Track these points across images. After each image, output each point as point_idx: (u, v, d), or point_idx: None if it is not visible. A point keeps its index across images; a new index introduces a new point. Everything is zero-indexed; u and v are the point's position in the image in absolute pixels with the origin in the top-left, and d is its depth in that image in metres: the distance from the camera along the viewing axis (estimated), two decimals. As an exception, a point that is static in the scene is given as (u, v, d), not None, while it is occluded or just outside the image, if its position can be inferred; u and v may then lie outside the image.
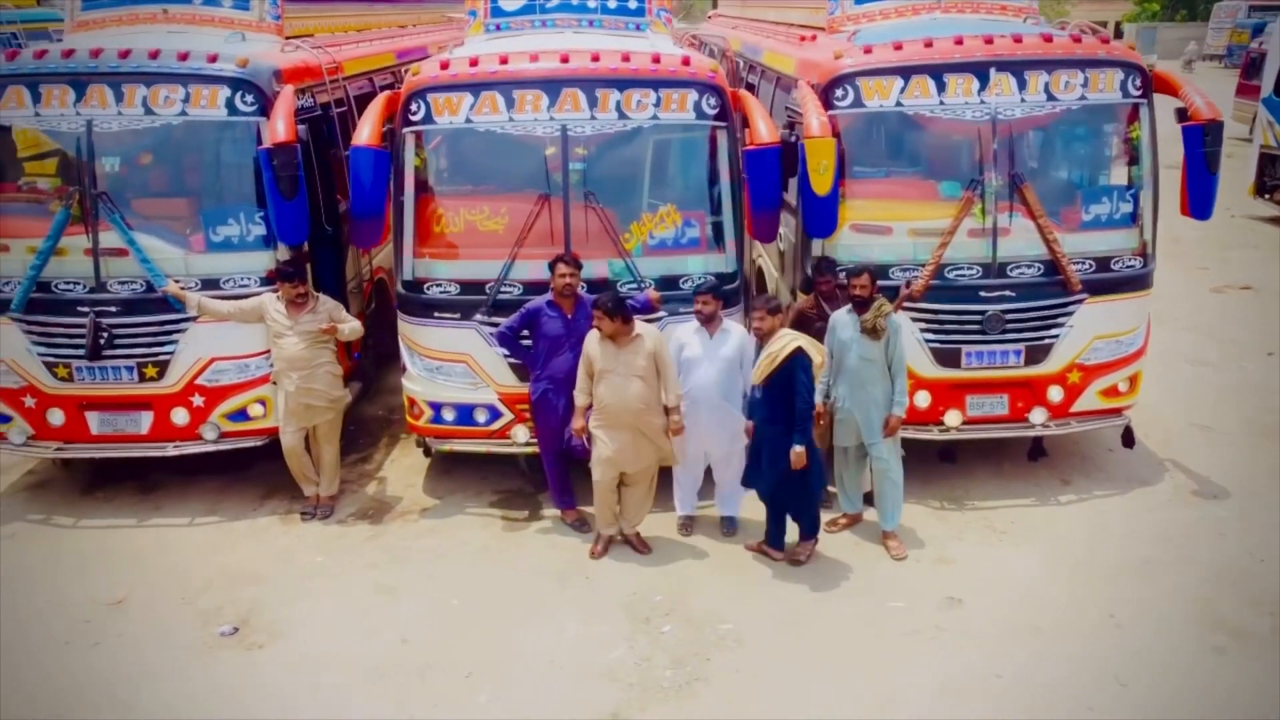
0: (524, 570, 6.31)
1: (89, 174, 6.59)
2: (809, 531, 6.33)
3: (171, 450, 6.91)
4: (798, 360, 5.84)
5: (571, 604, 5.96)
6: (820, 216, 6.55)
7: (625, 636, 5.64)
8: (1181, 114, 6.66)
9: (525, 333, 6.52)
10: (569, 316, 6.37)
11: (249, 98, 6.61)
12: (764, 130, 6.49)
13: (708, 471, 6.68)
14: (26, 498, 7.33)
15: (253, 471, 7.45)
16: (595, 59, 6.62)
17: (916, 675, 5.28)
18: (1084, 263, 6.77)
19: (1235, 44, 39.01)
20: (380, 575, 6.28)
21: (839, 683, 5.25)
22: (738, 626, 5.70)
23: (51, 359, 6.75)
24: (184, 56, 6.60)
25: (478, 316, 6.72)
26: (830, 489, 6.66)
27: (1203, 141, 6.50)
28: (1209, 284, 11.79)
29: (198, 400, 6.84)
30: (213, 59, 6.61)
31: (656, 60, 6.69)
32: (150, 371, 6.76)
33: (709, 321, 6.26)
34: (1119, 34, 50.67)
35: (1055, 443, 7.52)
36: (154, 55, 6.59)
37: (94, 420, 6.90)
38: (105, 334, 6.64)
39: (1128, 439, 7.16)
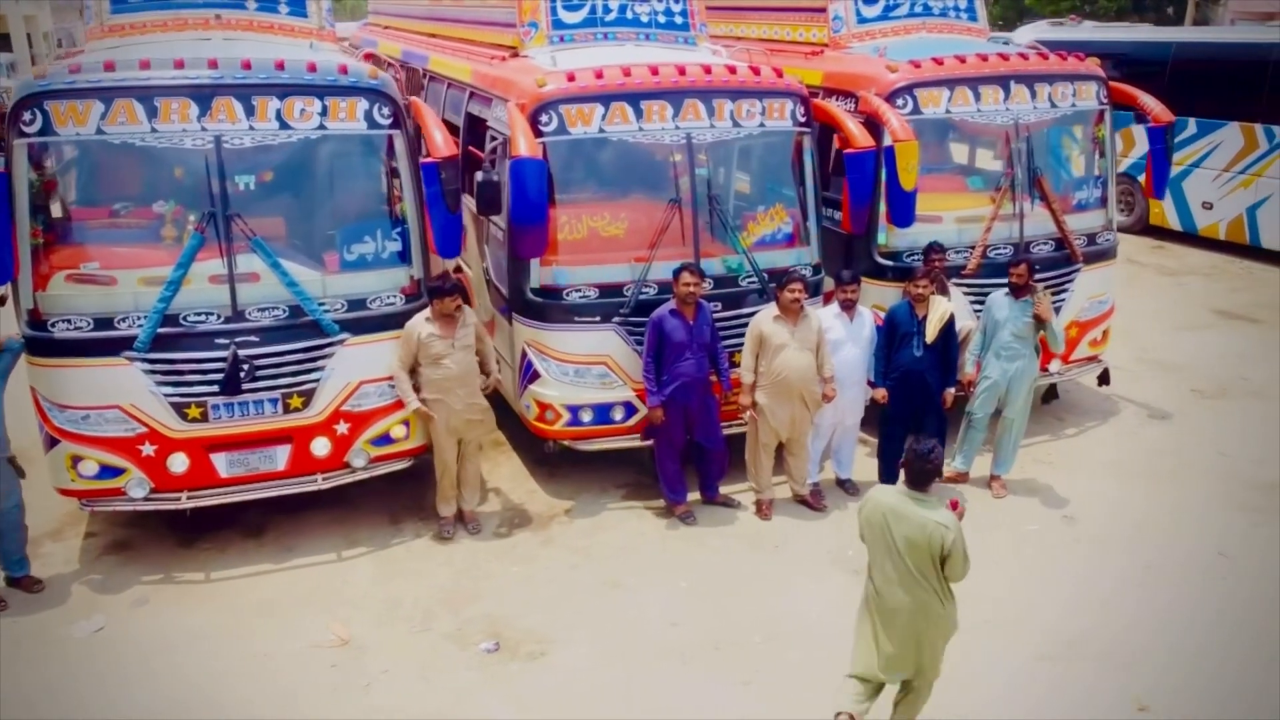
0: (717, 548, 6.76)
1: (220, 194, 6.06)
2: (932, 479, 7.37)
3: (322, 483, 6.52)
4: (954, 319, 6.95)
5: (786, 568, 6.53)
6: (905, 209, 7.53)
7: (858, 586, 6.31)
8: (1140, 116, 8.44)
9: None
10: (690, 322, 6.78)
11: (385, 110, 6.39)
12: (859, 135, 7.39)
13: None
14: (119, 561, 6.53)
15: (358, 501, 7.15)
16: (708, 71, 7.13)
17: (1096, 576, 6.48)
18: (1079, 238, 8.35)
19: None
20: (589, 574, 6.45)
21: (1049, 587, 6.34)
22: (933, 564, 6.59)
23: (180, 399, 6.12)
24: (313, 67, 6.26)
25: (617, 318, 7.00)
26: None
27: (1163, 138, 8.29)
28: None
29: (342, 428, 6.51)
30: (344, 70, 6.32)
31: (757, 72, 7.34)
32: (295, 402, 6.34)
33: (850, 307, 7.07)
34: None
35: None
36: (280, 66, 6.18)
37: (222, 462, 6.33)
38: (246, 366, 6.15)
39: (1104, 379, 8.88)
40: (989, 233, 7.95)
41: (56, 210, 6.16)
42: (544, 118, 6.77)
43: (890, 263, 7.89)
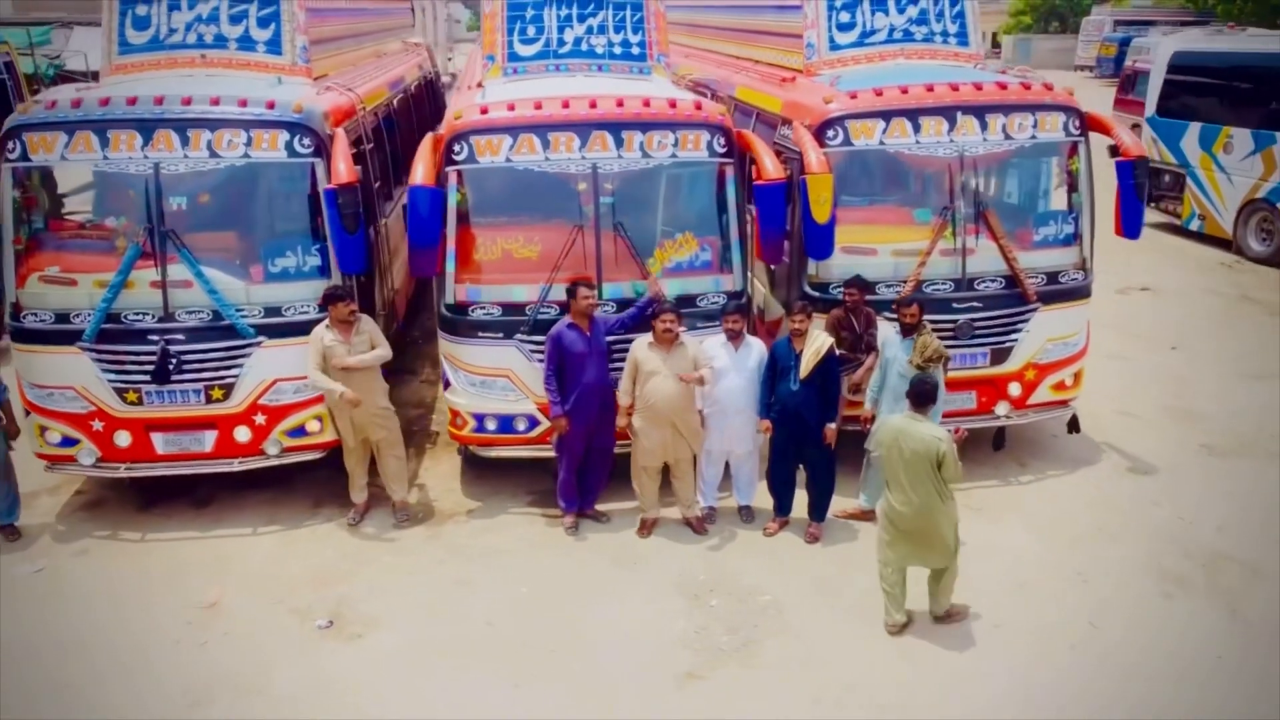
0: (581, 559, 7.13)
1: (157, 212, 7.10)
2: (821, 516, 7.35)
3: (237, 465, 7.48)
4: (832, 355, 6.95)
5: (630, 585, 6.80)
6: (820, 241, 7.52)
7: (683, 611, 6.52)
8: (1113, 150, 7.91)
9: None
10: (588, 334, 7.15)
11: (306, 140, 7.22)
12: (770, 167, 7.46)
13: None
14: (85, 516, 7.77)
15: (297, 484, 8.04)
16: (620, 104, 7.45)
17: (932, 630, 6.31)
18: (1037, 276, 7.94)
19: (1103, 56, 42.18)
20: (452, 570, 7.01)
21: (867, 639, 6.24)
22: (776, 597, 6.64)
23: (121, 385, 7.23)
24: (244, 103, 7.17)
25: (519, 335, 7.48)
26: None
27: (1133, 174, 7.74)
28: (1114, 286, 13.22)
29: (260, 419, 7.42)
30: (271, 105, 7.19)
31: (673, 105, 7.57)
32: (217, 393, 7.30)
33: (735, 337, 7.20)
34: (995, 45, 53.77)
35: (1011, 431, 8.68)
36: (215, 102, 7.14)
37: (159, 441, 7.40)
38: (174, 360, 7.16)
39: (1074, 426, 8.38)
40: (923, 267, 7.75)
41: (32, 223, 7.40)
42: (456, 147, 7.36)
43: (818, 294, 7.87)
